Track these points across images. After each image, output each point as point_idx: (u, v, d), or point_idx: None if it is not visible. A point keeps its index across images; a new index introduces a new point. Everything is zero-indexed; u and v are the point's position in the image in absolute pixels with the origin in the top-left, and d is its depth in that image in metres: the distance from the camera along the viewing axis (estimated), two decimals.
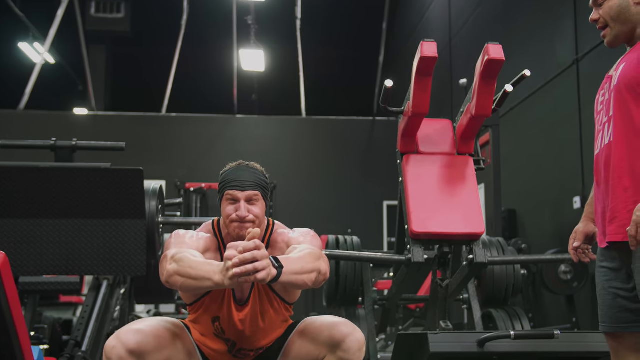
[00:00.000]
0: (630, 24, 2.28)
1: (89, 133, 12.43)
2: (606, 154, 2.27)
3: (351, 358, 2.30)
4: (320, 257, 2.36)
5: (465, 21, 11.07)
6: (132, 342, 2.25)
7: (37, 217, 3.14)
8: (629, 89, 2.19)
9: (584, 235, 2.47)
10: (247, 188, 2.41)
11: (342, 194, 12.79)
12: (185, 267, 2.23)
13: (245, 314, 2.44)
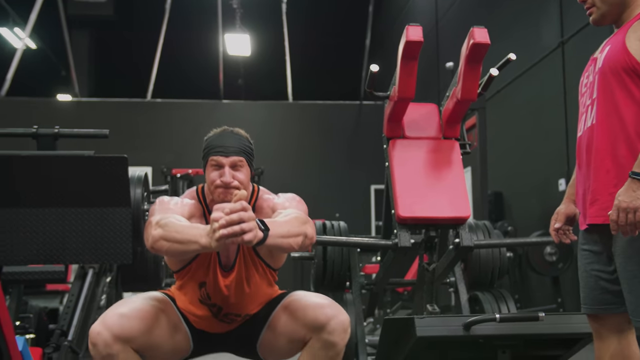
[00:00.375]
0: (617, 4, 2.26)
1: (72, 119, 12.33)
2: (588, 136, 2.27)
3: (336, 340, 2.31)
4: (306, 222, 2.37)
5: (451, 4, 11.06)
6: (117, 327, 2.25)
7: (19, 206, 3.11)
8: (614, 73, 2.18)
9: (565, 216, 2.48)
10: (232, 154, 2.41)
11: (330, 178, 12.80)
12: (171, 232, 2.22)
13: (231, 279, 2.45)
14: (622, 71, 2.15)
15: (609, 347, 2.28)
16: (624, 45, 2.16)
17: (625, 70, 2.15)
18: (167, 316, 2.45)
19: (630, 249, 2.11)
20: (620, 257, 2.14)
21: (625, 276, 2.13)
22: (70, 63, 13.93)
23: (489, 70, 3.70)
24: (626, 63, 2.14)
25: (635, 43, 2.13)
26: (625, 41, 2.16)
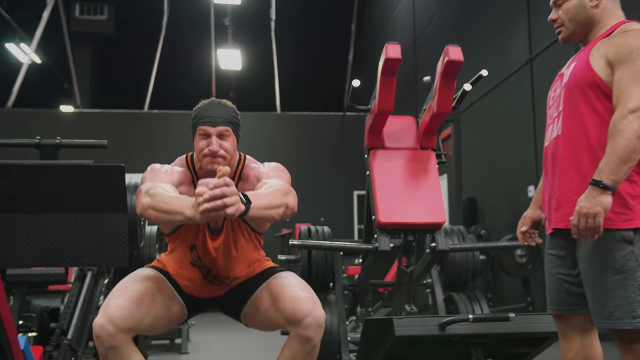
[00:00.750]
0: (585, 24, 2.28)
1: (74, 130, 12.28)
2: (554, 146, 2.27)
3: (311, 335, 2.30)
4: (288, 193, 2.37)
5: (428, 22, 11.10)
6: (119, 319, 2.23)
7: (23, 212, 3.09)
8: (579, 88, 2.18)
9: (531, 220, 2.47)
10: (219, 124, 2.39)
11: (315, 184, 12.79)
12: (158, 202, 2.22)
13: (219, 242, 2.44)
14: (586, 86, 2.16)
15: (572, 345, 2.29)
16: (589, 62, 2.17)
17: (589, 85, 2.15)
18: (162, 293, 2.43)
19: (593, 255, 2.11)
20: (584, 262, 2.14)
21: (587, 280, 2.14)
22: (73, 76, 13.86)
23: (462, 85, 3.71)
24: (590, 79, 2.15)
25: (598, 61, 2.14)
26: (589, 59, 2.17)
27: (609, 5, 2.27)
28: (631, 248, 2.04)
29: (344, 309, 3.91)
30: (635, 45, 2.06)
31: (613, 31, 2.21)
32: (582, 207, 1.98)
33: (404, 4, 12.64)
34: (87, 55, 15.82)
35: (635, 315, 2.02)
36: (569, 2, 2.28)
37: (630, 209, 2.06)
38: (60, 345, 3.29)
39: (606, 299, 2.06)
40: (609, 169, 1.97)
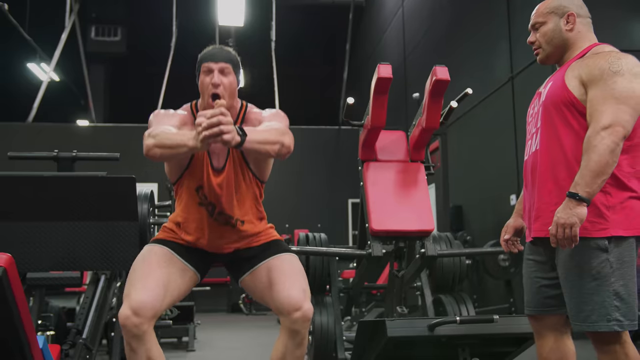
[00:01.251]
0: (560, 47, 2.29)
1: (89, 142, 12.27)
2: (533, 160, 2.27)
3: (298, 328, 2.30)
4: (285, 133, 2.36)
5: (416, 43, 11.13)
6: (143, 309, 2.21)
7: (42, 220, 3.09)
8: (555, 106, 2.18)
9: (513, 229, 2.47)
10: (220, 61, 2.43)
11: (312, 192, 12.79)
12: (162, 140, 2.26)
13: (222, 178, 2.43)
14: (562, 105, 2.16)
15: (548, 343, 2.29)
16: (564, 82, 2.17)
17: (564, 104, 2.15)
18: (174, 269, 2.40)
19: (570, 262, 2.10)
20: (562, 269, 2.14)
21: (565, 285, 2.13)
22: (88, 93, 13.86)
23: (449, 103, 3.72)
24: (566, 98, 2.15)
25: (573, 81, 2.14)
26: (565, 79, 2.17)
27: (583, 29, 2.28)
28: (606, 256, 2.04)
29: (339, 310, 3.90)
30: (606, 67, 2.07)
31: (586, 53, 2.22)
32: (560, 217, 1.98)
33: (394, 26, 12.68)
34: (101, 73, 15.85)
35: (610, 318, 2.01)
36: (546, 26, 2.29)
37: (605, 219, 2.05)
38: (76, 344, 3.28)
39: (583, 304, 2.06)
40: (584, 182, 1.97)
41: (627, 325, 2.03)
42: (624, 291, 2.03)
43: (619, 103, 2.01)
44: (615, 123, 1.98)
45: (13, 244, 3.04)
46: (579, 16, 2.28)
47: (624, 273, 2.04)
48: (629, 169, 2.08)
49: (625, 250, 2.06)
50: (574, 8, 2.29)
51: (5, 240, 3.04)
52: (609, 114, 2.00)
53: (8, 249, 2.91)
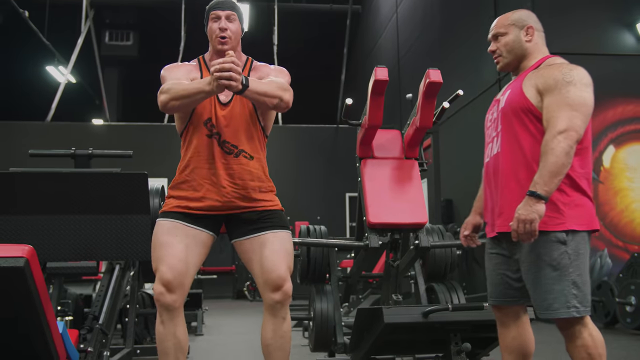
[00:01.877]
0: (519, 56, 2.34)
1: (104, 140, 12.27)
2: (495, 162, 2.32)
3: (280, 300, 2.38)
4: (286, 90, 2.43)
5: (410, 47, 11.11)
6: (173, 283, 2.30)
7: (61, 213, 3.11)
8: (514, 112, 2.23)
9: (472, 225, 2.53)
10: (227, 9, 2.50)
11: (312, 187, 12.79)
12: (177, 92, 2.32)
13: (227, 111, 2.46)
14: (520, 111, 2.22)
15: (510, 331, 2.33)
16: (522, 91, 2.23)
17: (523, 110, 2.21)
18: (189, 238, 2.41)
19: (532, 255, 2.14)
20: (525, 262, 2.18)
21: (528, 277, 2.17)
22: (103, 94, 13.84)
23: (442, 103, 3.71)
24: (524, 105, 2.21)
25: (530, 90, 2.20)
26: (522, 88, 2.23)
27: (539, 42, 2.35)
28: (565, 248, 2.10)
29: (338, 297, 3.89)
30: (560, 77, 2.14)
31: (541, 64, 2.28)
32: (521, 214, 2.03)
33: (389, 31, 12.66)
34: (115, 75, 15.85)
35: (570, 305, 2.07)
36: (507, 37, 2.36)
37: (562, 214, 2.11)
38: (92, 329, 3.28)
39: (546, 292, 2.10)
40: (542, 181, 2.02)
41: (583, 311, 2.08)
42: (580, 280, 2.09)
43: (573, 110, 2.08)
44: (570, 128, 2.05)
45: (34, 235, 3.05)
46: (536, 30, 2.35)
47: (580, 264, 2.10)
48: (580, 170, 2.16)
49: (580, 243, 2.12)
50: (532, 22, 2.36)
51: (27, 231, 3.05)
52: (564, 119, 2.07)
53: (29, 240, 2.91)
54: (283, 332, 2.40)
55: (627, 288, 5.61)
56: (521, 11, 2.41)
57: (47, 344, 2.34)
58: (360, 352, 3.13)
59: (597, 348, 2.08)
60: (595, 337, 2.10)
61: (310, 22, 15.93)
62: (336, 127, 13.82)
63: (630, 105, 6.91)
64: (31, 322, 2.25)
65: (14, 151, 9.43)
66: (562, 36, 6.80)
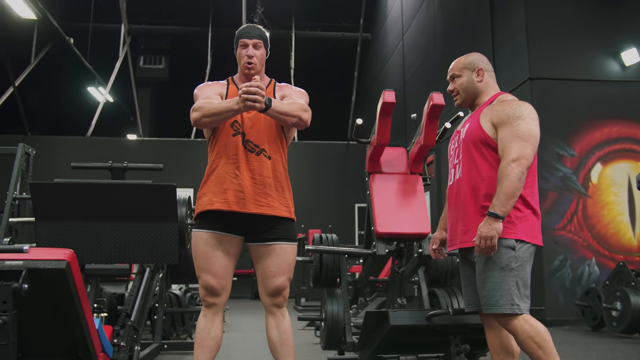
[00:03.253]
0: (473, 94, 2.47)
1: (138, 154, 12.35)
2: (457, 185, 2.42)
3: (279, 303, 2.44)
4: (305, 110, 2.46)
5: (415, 71, 11.11)
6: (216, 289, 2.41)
7: (98, 220, 3.12)
8: (473, 142, 2.35)
9: (439, 240, 2.64)
10: (254, 37, 2.55)
11: (325, 198, 12.77)
12: (208, 110, 2.37)
13: (252, 114, 2.49)
14: (478, 142, 2.33)
15: (495, 333, 2.37)
16: (479, 124, 2.34)
17: (480, 141, 2.33)
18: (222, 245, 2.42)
19: (485, 259, 2.23)
20: (478, 264, 2.28)
21: (479, 277, 2.27)
22: (137, 112, 13.94)
23: (444, 124, 3.70)
24: (481, 137, 2.32)
25: (486, 123, 2.33)
26: (480, 121, 2.35)
27: (489, 80, 2.49)
28: (513, 253, 2.21)
29: (348, 300, 3.87)
30: (511, 112, 2.27)
31: (493, 100, 2.42)
32: (482, 232, 2.16)
33: (396, 57, 12.68)
34: (148, 95, 15.95)
35: (513, 303, 2.16)
36: (462, 78, 2.50)
37: (514, 226, 2.23)
38: (125, 325, 3.29)
39: (494, 290, 2.19)
40: (499, 203, 2.15)
41: (524, 309, 2.17)
42: (522, 283, 2.19)
43: (523, 141, 2.21)
44: (521, 156, 2.18)
45: (74, 240, 3.07)
46: (486, 71, 2.48)
47: (524, 270, 2.21)
48: (529, 189, 2.26)
49: (526, 252, 2.23)
50: (482, 64, 2.49)
51: (68, 236, 3.06)
52: (516, 149, 2.19)
53: (70, 245, 2.95)
54: (285, 328, 2.43)
55: (613, 294, 5.54)
56: (473, 55, 2.52)
57: (85, 337, 2.35)
58: (368, 351, 3.11)
59: (540, 335, 2.13)
60: (536, 326, 2.15)
61: (324, 48, 15.99)
62: (347, 144, 13.82)
63: (616, 126, 6.86)
64: (71, 317, 2.27)
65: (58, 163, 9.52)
66: (554, 63, 6.78)
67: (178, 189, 3.20)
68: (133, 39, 14.82)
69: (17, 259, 2.11)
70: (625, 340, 5.24)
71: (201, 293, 2.42)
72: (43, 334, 2.37)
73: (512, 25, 7.21)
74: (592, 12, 7.05)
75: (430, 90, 3.45)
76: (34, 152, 4.15)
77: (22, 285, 2.04)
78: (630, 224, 6.71)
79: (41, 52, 13.52)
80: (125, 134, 14.89)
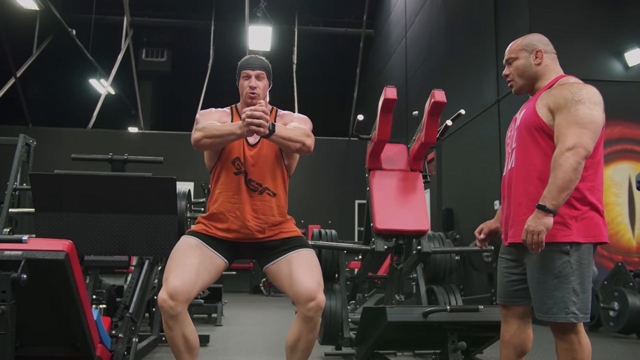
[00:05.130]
0: (531, 79, 2.29)
1: (138, 146, 12.35)
2: (509, 176, 2.28)
3: (312, 315, 2.27)
4: (308, 136, 2.42)
5: (417, 68, 11.10)
6: (178, 293, 2.20)
7: (98, 212, 3.12)
8: (528, 130, 2.19)
9: (489, 229, 2.47)
10: (257, 68, 2.52)
11: (325, 194, 12.78)
12: (211, 131, 2.33)
13: (254, 152, 2.47)
14: (533, 129, 2.17)
15: (511, 328, 2.30)
16: (535, 110, 2.18)
17: (535, 128, 2.17)
18: (205, 257, 2.37)
19: (538, 262, 2.12)
20: (530, 267, 2.16)
21: (532, 282, 2.15)
22: (138, 104, 13.93)
23: (445, 121, 3.70)
24: (537, 123, 2.16)
25: (542, 109, 2.16)
26: (536, 107, 2.19)
27: (550, 63, 2.29)
28: (567, 258, 2.06)
29: (346, 295, 3.88)
30: (570, 97, 2.08)
31: (554, 84, 2.22)
32: (529, 226, 2.00)
33: (398, 53, 12.66)
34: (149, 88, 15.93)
35: (568, 311, 2.04)
36: (518, 61, 2.31)
37: (568, 227, 2.07)
38: (123, 317, 3.29)
39: (546, 297, 2.08)
40: (551, 196, 1.98)
41: (581, 318, 2.06)
42: (580, 289, 2.06)
43: (581, 127, 2.02)
44: (578, 145, 1.99)
45: (74, 231, 3.07)
46: (546, 52, 2.29)
47: (582, 273, 2.07)
48: (590, 183, 2.10)
49: (583, 254, 2.07)
50: (541, 45, 2.30)
51: (68, 227, 3.07)
52: (573, 137, 2.01)
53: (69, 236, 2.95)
54: (309, 340, 2.34)
55: (611, 294, 5.55)
56: (532, 35, 2.35)
57: (83, 328, 2.36)
58: (365, 346, 3.11)
59: (583, 353, 2.05)
60: (584, 344, 2.07)
61: (326, 44, 15.96)
62: (348, 140, 13.81)
63: (617, 127, 6.85)
64: (69, 308, 2.28)
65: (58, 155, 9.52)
66: None
67: (178, 182, 3.19)
68: (135, 32, 14.79)
69: (16, 249, 2.12)
70: (622, 340, 5.25)
71: (160, 297, 2.21)
72: (41, 324, 2.38)
73: (515, 23, 7.20)
74: (596, 14, 7.05)
75: (433, 88, 3.44)
76: (35, 143, 4.15)
77: (21, 275, 2.05)
78: (629, 225, 6.71)
79: (43, 43, 13.50)
80: (126, 126, 14.88)
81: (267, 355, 4.18)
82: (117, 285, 5.34)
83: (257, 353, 4.28)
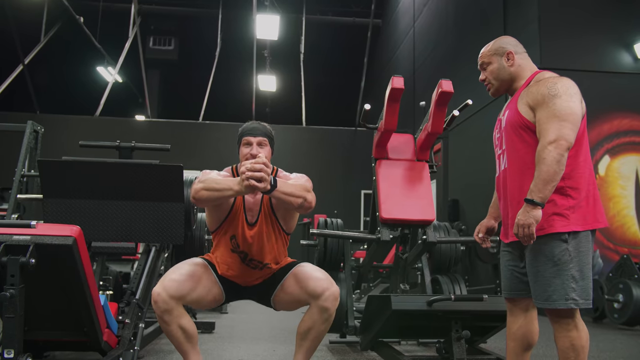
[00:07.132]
0: (507, 80, 2.34)
1: (146, 134, 12.37)
2: (503, 176, 2.31)
3: (328, 305, 2.31)
4: (309, 191, 2.38)
5: (425, 58, 11.04)
6: (172, 289, 2.28)
7: (106, 198, 3.13)
8: (514, 129, 2.22)
9: (486, 228, 2.51)
10: (258, 135, 2.45)
11: (331, 183, 12.77)
12: (210, 184, 2.28)
13: (254, 232, 2.45)
14: (519, 128, 2.20)
15: (517, 320, 2.32)
16: (517, 109, 2.21)
17: (521, 127, 2.20)
18: (207, 277, 2.43)
19: (537, 251, 2.14)
20: (529, 256, 2.18)
21: (531, 270, 2.16)
22: (145, 93, 13.95)
23: (452, 111, 3.68)
24: (521, 122, 2.19)
25: (523, 107, 2.19)
26: (517, 106, 2.22)
27: (522, 62, 2.32)
28: (566, 246, 2.08)
29: (351, 284, 3.89)
30: (546, 92, 2.11)
31: (530, 81, 2.26)
32: (519, 219, 2.04)
33: (407, 43, 12.59)
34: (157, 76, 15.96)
35: (568, 297, 2.06)
36: (492, 65, 2.35)
37: (566, 218, 2.10)
38: (130, 303, 3.31)
39: (545, 285, 2.10)
40: (537, 189, 2.02)
41: (582, 304, 2.07)
42: (580, 275, 2.07)
43: (561, 120, 2.05)
44: (559, 137, 2.02)
45: (81, 217, 3.08)
46: (516, 53, 2.33)
47: (580, 260, 2.08)
48: (580, 171, 2.13)
49: (581, 241, 2.09)
50: (511, 47, 2.34)
51: (76, 214, 3.08)
52: (554, 130, 2.04)
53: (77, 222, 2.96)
54: (321, 331, 2.37)
55: (615, 286, 5.54)
56: (501, 39, 2.40)
57: (90, 313, 2.38)
58: (369, 334, 3.13)
59: (581, 340, 2.07)
60: (581, 330, 2.09)
61: (334, 33, 15.89)
62: (355, 129, 13.79)
63: (625, 119, 6.81)
64: (77, 293, 2.30)
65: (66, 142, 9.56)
66: (565, 54, 6.71)
67: (185, 170, 3.20)
68: (143, 20, 14.78)
69: (25, 234, 2.14)
70: (626, 332, 5.25)
71: (155, 291, 2.25)
72: (49, 308, 2.40)
73: (525, 15, 7.14)
74: (605, 6, 6.98)
75: (441, 78, 3.43)
76: (43, 130, 4.17)
77: (30, 259, 2.07)
78: (636, 217, 6.69)
79: (51, 31, 13.52)
80: (133, 114, 14.92)
81: (272, 342, 4.20)
82: (123, 272, 5.37)
83: (262, 340, 4.31)
